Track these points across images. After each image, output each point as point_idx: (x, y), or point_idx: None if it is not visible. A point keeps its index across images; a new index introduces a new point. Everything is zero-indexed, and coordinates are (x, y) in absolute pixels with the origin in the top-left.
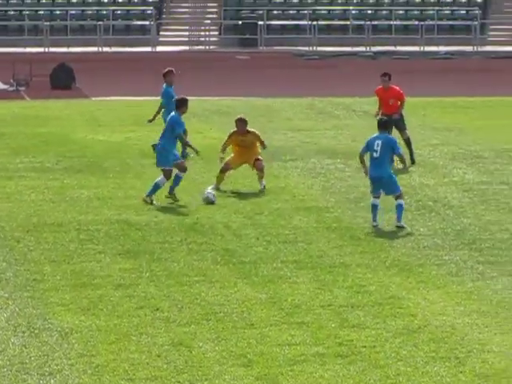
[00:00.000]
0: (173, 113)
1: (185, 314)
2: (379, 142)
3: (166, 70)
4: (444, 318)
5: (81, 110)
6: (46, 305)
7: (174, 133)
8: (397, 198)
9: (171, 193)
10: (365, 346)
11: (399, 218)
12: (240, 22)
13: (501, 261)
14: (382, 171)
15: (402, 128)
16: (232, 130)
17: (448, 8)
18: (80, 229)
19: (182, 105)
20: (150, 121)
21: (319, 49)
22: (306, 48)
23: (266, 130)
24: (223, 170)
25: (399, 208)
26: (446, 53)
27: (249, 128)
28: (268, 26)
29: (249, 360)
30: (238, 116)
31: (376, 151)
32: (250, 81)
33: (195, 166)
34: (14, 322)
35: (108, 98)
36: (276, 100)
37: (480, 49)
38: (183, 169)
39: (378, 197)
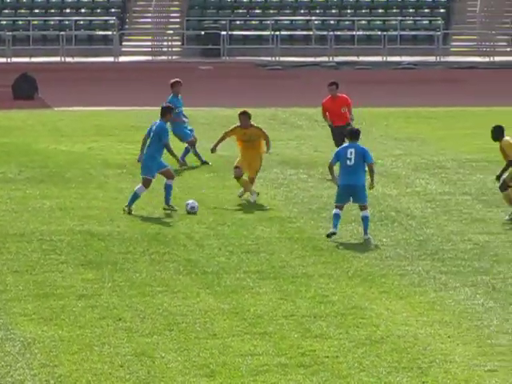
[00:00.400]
0: (158, 121)
1: (147, 324)
2: (352, 150)
3: (174, 80)
4: (406, 329)
5: (43, 121)
6: (9, 315)
7: (162, 141)
8: (363, 208)
9: (168, 204)
10: (327, 357)
11: (366, 231)
12: (203, 33)
13: (463, 271)
14: (357, 179)
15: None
16: (235, 125)
17: (411, 18)
18: (42, 239)
19: (167, 113)
20: None
21: (282, 59)
22: (269, 58)
23: (227, 141)
24: (237, 176)
25: (366, 220)
26: (409, 63)
27: (253, 123)
28: (231, 36)
29: (211, 370)
30: (242, 110)
31: (350, 159)
32: (213, 91)
33: (157, 178)
34: None
35: (71, 109)
36: (238, 110)
37: (443, 59)
38: (171, 176)
39: (342, 207)
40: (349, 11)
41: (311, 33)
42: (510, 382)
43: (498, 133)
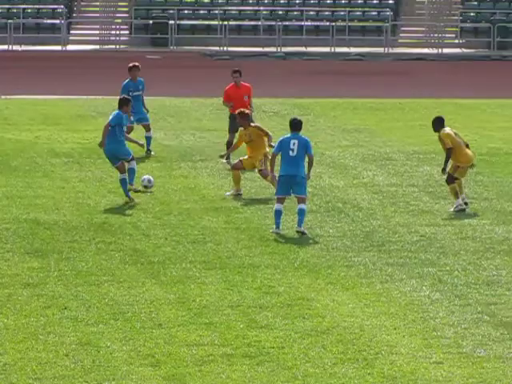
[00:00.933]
0: (116, 111)
1: (93, 313)
2: (295, 141)
3: (132, 64)
4: (352, 320)
5: None
6: None
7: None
8: (301, 201)
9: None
10: (273, 347)
11: (301, 223)
12: (151, 22)
13: (409, 263)
14: (298, 170)
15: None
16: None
17: (359, 9)
18: None
19: (123, 104)
20: None
21: (230, 49)
22: (217, 48)
23: (175, 130)
24: (235, 167)
25: (302, 213)
26: (357, 54)
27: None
28: (179, 25)
29: (156, 360)
30: (238, 110)
31: (292, 150)
32: (161, 81)
33: (104, 167)
34: None
35: (18, 97)
36: (186, 100)
37: (391, 50)
38: (122, 170)
39: (283, 201)
40: (297, 1)
41: (259, 23)
42: (456, 374)
43: (438, 124)
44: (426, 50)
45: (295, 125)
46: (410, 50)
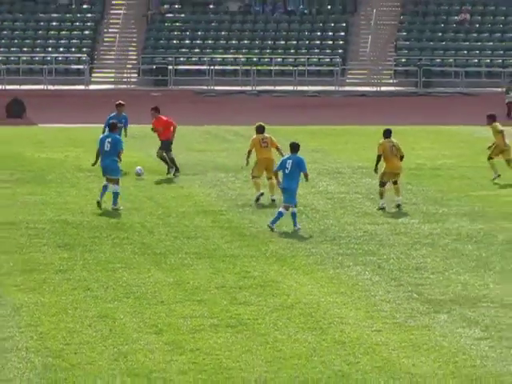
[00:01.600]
0: (113, 135)
1: (110, 293)
2: (290, 161)
3: (118, 102)
4: (311, 297)
5: (29, 135)
6: (2, 286)
7: (117, 150)
8: (294, 206)
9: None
10: (249, 319)
11: (296, 223)
12: (154, 67)
13: (355, 253)
14: (292, 184)
15: (169, 149)
16: (253, 137)
17: (316, 56)
18: (28, 226)
19: (114, 128)
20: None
21: (216, 88)
22: (205, 87)
23: (174, 151)
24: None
25: (293, 216)
26: (314, 92)
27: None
28: (176, 69)
29: (159, 329)
30: (257, 123)
31: (287, 168)
32: (162, 112)
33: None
34: None
35: (51, 125)
36: (181, 127)
37: (340, 88)
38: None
39: (288, 208)
40: (267, 51)
41: (238, 68)
42: (392, 340)
43: (384, 134)
44: (367, 88)
45: (292, 147)
46: (355, 88)
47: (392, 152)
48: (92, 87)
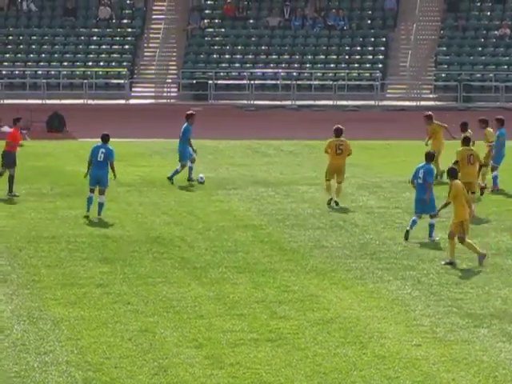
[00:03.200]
0: (106, 146)
1: (150, 307)
2: (422, 170)
3: (190, 112)
4: (351, 312)
5: (70, 149)
6: (42, 299)
7: (111, 160)
8: (431, 217)
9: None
10: (289, 333)
11: (431, 234)
12: (194, 81)
13: (395, 268)
14: (421, 193)
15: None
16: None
17: (355, 71)
18: (69, 241)
19: (108, 139)
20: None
21: (256, 102)
22: (245, 101)
23: (213, 164)
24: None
25: (431, 226)
26: (354, 106)
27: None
28: (216, 84)
29: (199, 343)
30: (335, 126)
31: (420, 178)
32: (202, 127)
33: (158, 193)
34: (16, 313)
35: (91, 140)
36: (221, 142)
37: (380, 103)
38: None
39: (420, 216)
40: (307, 65)
41: (278, 82)
42: (431, 354)
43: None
44: (407, 103)
45: (427, 157)
46: (395, 102)
47: (469, 161)
48: (132, 102)
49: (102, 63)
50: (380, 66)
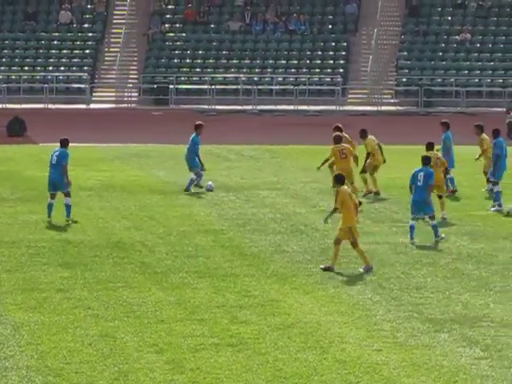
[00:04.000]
0: (62, 149)
1: (110, 312)
2: (422, 173)
3: (198, 123)
4: (312, 317)
5: (31, 153)
6: (2, 304)
7: (62, 164)
8: (431, 218)
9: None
10: (250, 338)
11: (437, 233)
12: (155, 86)
13: (356, 272)
14: (423, 195)
15: None
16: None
17: (317, 76)
18: (29, 245)
19: (67, 144)
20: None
21: (217, 107)
22: (207, 106)
23: (174, 169)
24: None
25: (435, 227)
26: (315, 111)
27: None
28: (177, 89)
29: (160, 348)
30: (334, 134)
31: (419, 181)
32: (163, 132)
33: (119, 198)
34: None
35: (52, 144)
36: (182, 146)
37: (341, 108)
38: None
39: (417, 219)
40: (268, 70)
41: (239, 87)
42: (392, 359)
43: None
44: (368, 108)
45: (424, 160)
46: (356, 107)
47: (437, 164)
48: (93, 106)
49: (62, 68)
50: (341, 70)
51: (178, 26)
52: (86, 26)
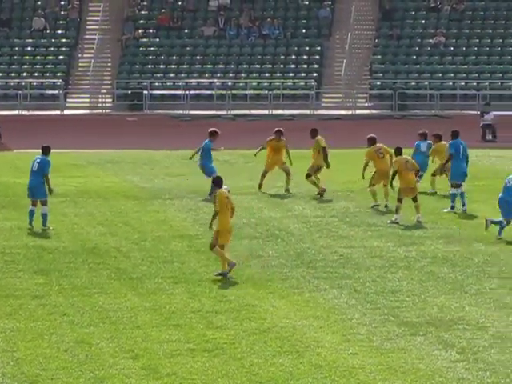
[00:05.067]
0: (43, 157)
1: (86, 318)
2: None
3: (212, 129)
4: (287, 321)
5: (5, 160)
6: None
7: (44, 172)
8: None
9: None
10: (226, 343)
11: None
12: (129, 92)
13: (331, 276)
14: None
15: None
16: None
17: (291, 80)
18: (4, 252)
19: (49, 151)
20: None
21: (191, 112)
22: (181, 111)
23: (148, 175)
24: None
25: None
26: (289, 115)
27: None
28: (151, 94)
29: (136, 354)
30: (369, 135)
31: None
32: (137, 137)
33: (93, 204)
34: None
35: (27, 151)
36: (157, 152)
37: (315, 112)
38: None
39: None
40: (243, 75)
41: (213, 92)
42: (368, 363)
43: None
44: (342, 112)
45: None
46: (330, 111)
47: (407, 167)
48: (67, 112)
49: (36, 74)
50: (315, 75)
51: (151, 31)
52: (59, 32)
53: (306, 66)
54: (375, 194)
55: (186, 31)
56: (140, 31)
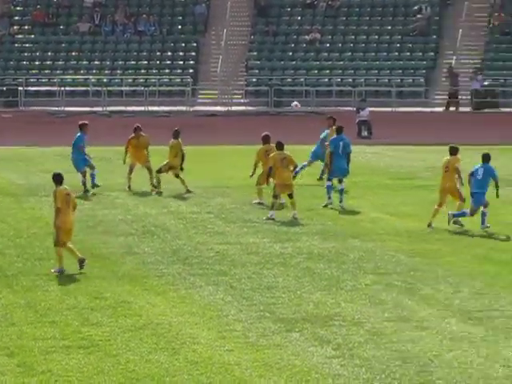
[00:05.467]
0: None
1: None
2: (482, 169)
3: (82, 122)
4: (163, 318)
5: None
6: None
7: None
8: (484, 206)
9: None
10: (101, 340)
11: (484, 222)
12: (4, 88)
13: (207, 273)
14: (483, 188)
15: None
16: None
17: (167, 76)
18: None
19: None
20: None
21: (66, 109)
22: (56, 108)
23: (24, 172)
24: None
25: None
26: (165, 112)
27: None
28: (26, 91)
29: (11, 351)
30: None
31: (479, 175)
32: (12, 134)
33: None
34: None
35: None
36: (31, 149)
37: (191, 108)
38: None
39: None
40: (118, 71)
41: (89, 88)
42: (244, 359)
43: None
44: (218, 108)
45: (484, 157)
46: (206, 107)
47: (282, 164)
48: None
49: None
50: (191, 71)
51: (26, 27)
52: None
53: (181, 62)
54: (261, 192)
55: (61, 27)
56: (15, 27)
